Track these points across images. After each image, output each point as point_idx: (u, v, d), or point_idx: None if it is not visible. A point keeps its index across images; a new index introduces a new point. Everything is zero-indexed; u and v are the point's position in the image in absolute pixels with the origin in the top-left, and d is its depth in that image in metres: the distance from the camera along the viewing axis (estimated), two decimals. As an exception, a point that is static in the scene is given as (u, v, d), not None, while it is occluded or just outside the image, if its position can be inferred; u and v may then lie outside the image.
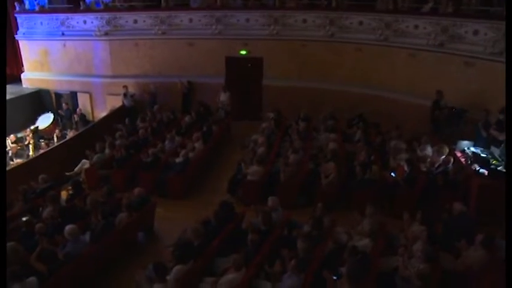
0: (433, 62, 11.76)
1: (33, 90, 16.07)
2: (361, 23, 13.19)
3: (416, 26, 12.13)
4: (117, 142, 11.06)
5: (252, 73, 14.50)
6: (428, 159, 9.15)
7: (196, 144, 10.62)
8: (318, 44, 13.70)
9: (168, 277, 5.50)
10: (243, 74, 14.69)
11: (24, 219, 7.45)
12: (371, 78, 13.04)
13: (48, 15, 15.78)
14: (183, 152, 9.97)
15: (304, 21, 13.81)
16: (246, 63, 14.60)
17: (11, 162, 11.77)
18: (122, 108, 14.53)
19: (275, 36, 14.02)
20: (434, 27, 11.70)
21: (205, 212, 7.39)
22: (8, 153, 12.29)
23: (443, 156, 8.86)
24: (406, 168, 8.46)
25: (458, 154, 9.23)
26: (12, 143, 12.65)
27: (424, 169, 8.89)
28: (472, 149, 8.96)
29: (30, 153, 12.80)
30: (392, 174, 8.84)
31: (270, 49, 14.10)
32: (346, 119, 12.19)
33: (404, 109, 12.04)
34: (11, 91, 15.63)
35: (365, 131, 10.89)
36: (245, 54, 14.37)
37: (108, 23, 15.12)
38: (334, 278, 5.23)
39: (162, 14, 14.77)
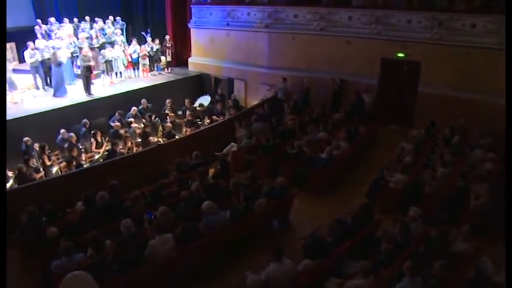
0: None
1: (196, 74, 17.80)
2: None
3: None
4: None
5: (407, 77, 13.84)
6: None
7: (342, 143, 10.59)
8: (485, 51, 12.29)
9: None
10: (397, 78, 14.11)
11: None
12: (546, 95, 11.45)
13: (218, 6, 17.27)
14: (327, 148, 10.05)
15: (473, 25, 12.56)
16: (402, 66, 13.97)
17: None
18: (274, 98, 15.05)
19: (437, 40, 13.05)
20: None
21: (340, 212, 7.40)
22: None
23: None
24: None
25: None
26: (171, 113, 14.01)
27: None
28: None
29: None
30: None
31: (429, 53, 13.17)
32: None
33: None
34: (179, 72, 17.87)
35: (531, 154, 9.66)
36: (402, 57, 13.76)
37: (269, 16, 15.88)
38: None
39: (323, 10, 14.93)
